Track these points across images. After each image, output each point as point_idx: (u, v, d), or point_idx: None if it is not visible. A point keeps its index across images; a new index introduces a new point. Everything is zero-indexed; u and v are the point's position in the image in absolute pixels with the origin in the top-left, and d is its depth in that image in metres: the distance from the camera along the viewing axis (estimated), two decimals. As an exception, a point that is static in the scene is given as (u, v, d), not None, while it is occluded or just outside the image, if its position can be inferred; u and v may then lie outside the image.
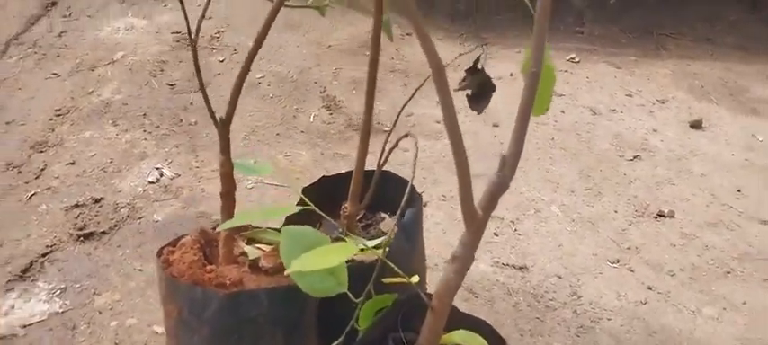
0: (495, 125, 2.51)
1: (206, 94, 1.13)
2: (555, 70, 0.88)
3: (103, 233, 1.85)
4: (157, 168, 2.12)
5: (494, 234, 1.95)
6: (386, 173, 1.33)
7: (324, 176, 1.50)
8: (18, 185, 2.04)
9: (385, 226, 1.42)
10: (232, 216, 1.21)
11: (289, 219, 1.27)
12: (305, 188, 1.36)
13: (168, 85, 2.59)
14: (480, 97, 1.00)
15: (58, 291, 1.65)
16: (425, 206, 2.04)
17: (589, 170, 2.31)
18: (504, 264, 1.85)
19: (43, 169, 2.11)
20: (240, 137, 2.31)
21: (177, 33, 2.95)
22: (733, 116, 2.74)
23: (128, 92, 2.54)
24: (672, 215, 2.10)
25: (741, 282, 1.86)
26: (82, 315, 1.59)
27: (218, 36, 2.95)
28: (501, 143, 2.40)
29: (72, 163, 2.13)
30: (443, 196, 2.10)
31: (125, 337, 1.54)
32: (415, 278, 0.97)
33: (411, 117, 2.50)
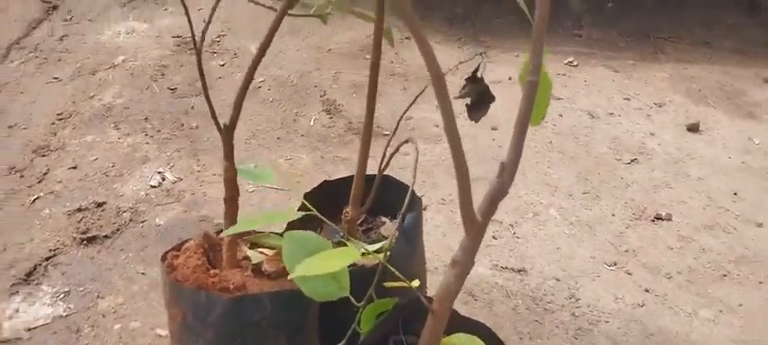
0: (493, 128, 2.53)
1: (210, 102, 1.14)
2: (551, 81, 0.90)
3: (106, 237, 1.87)
4: (159, 172, 2.14)
5: (492, 238, 1.97)
6: (386, 178, 1.35)
7: (325, 181, 1.52)
8: (21, 189, 2.05)
9: (385, 230, 1.44)
10: (235, 221, 1.22)
11: (291, 224, 1.28)
12: (307, 193, 1.38)
13: (169, 89, 2.61)
14: (479, 106, 1.02)
15: (62, 295, 1.67)
16: (425, 209, 2.06)
17: (587, 173, 2.33)
18: (502, 267, 1.87)
19: (46, 173, 2.12)
20: (242, 141, 2.33)
21: (178, 37, 2.97)
22: (730, 119, 2.76)
23: (129, 96, 2.56)
24: (669, 218, 2.12)
25: (737, 285, 1.88)
26: (86, 319, 1.60)
27: (218, 40, 2.96)
28: (500, 146, 2.42)
29: (74, 167, 2.15)
30: (443, 199, 2.12)
31: (129, 340, 1.56)
32: (416, 282, 0.99)
33: (410, 121, 2.52)
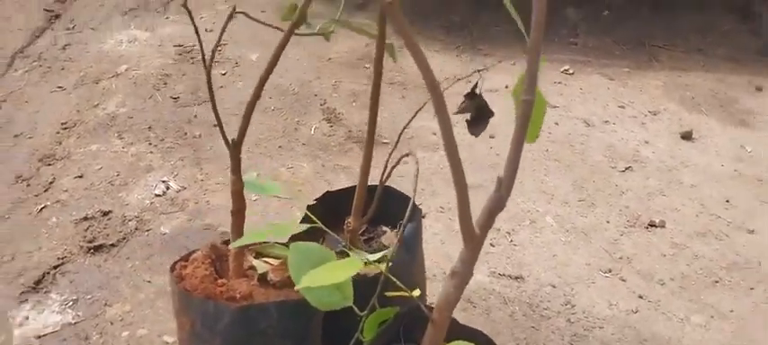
0: (491, 136, 2.57)
1: (219, 118, 1.19)
2: (545, 100, 0.94)
3: (113, 245, 1.91)
4: (163, 181, 2.18)
5: (490, 245, 2.01)
6: (386, 188, 1.39)
7: (327, 192, 1.57)
8: (28, 198, 2.09)
9: (386, 240, 1.48)
10: (242, 232, 1.27)
11: (295, 235, 1.33)
12: (310, 205, 1.43)
13: (172, 98, 2.65)
14: (478, 121, 1.07)
15: (71, 302, 1.71)
16: (424, 217, 2.10)
17: (582, 181, 2.37)
18: (500, 274, 1.91)
19: (52, 182, 2.16)
20: (244, 150, 2.32)
21: (179, 46, 3.01)
22: (723, 127, 2.81)
23: (132, 105, 2.60)
24: (662, 225, 2.17)
25: (729, 291, 1.93)
26: (94, 326, 1.64)
27: (219, 49, 3.00)
28: (497, 155, 2.46)
29: (80, 176, 2.19)
30: (441, 207, 2.17)
31: (136, 347, 1.60)
32: (417, 291, 1.03)
33: (408, 129, 2.55)
